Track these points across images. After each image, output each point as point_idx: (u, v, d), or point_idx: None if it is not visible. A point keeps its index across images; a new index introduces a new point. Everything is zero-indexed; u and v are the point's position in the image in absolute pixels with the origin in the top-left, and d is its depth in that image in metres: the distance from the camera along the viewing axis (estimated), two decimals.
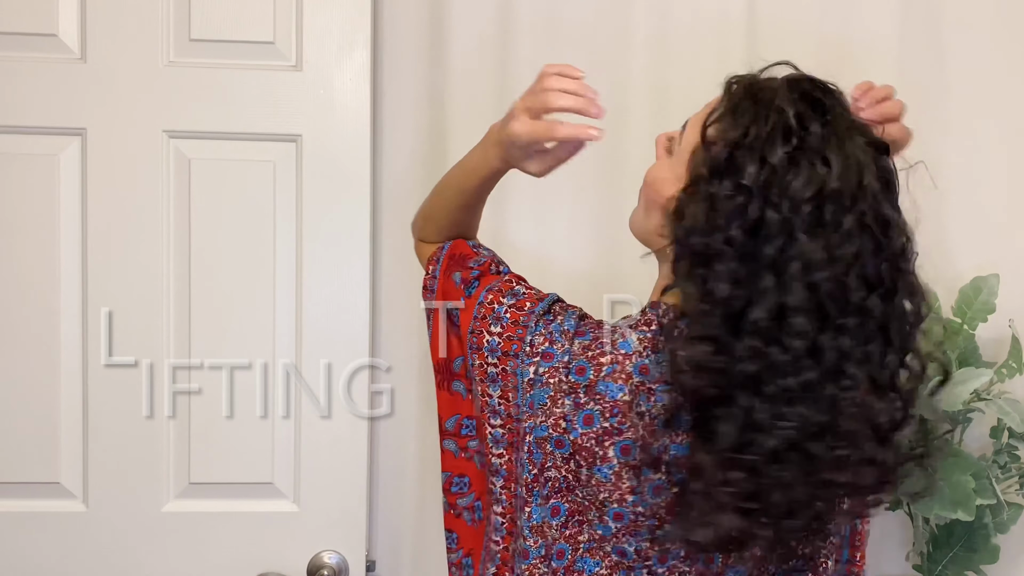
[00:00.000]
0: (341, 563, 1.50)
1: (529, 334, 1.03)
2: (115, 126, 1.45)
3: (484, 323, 1.06)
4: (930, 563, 1.49)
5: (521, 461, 1.01)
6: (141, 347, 1.46)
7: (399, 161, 1.59)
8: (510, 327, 1.04)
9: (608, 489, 0.98)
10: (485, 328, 1.05)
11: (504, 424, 1.03)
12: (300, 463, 1.50)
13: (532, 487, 1.01)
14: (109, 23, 1.45)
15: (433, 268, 1.17)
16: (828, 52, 1.58)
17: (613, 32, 1.59)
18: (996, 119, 1.62)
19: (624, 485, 0.98)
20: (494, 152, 1.08)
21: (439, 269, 1.16)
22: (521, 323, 1.04)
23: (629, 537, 0.99)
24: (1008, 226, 1.62)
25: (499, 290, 1.08)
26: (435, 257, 1.18)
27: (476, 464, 1.12)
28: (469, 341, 1.06)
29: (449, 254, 1.16)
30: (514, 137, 1.02)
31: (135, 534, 1.48)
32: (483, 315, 1.06)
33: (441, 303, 1.12)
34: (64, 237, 1.46)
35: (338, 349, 1.49)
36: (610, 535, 1.00)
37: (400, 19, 1.58)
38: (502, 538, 1.05)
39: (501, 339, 1.04)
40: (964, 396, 1.39)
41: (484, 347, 1.04)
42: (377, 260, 1.58)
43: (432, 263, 1.17)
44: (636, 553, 0.99)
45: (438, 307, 1.12)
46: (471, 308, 1.08)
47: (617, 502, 0.98)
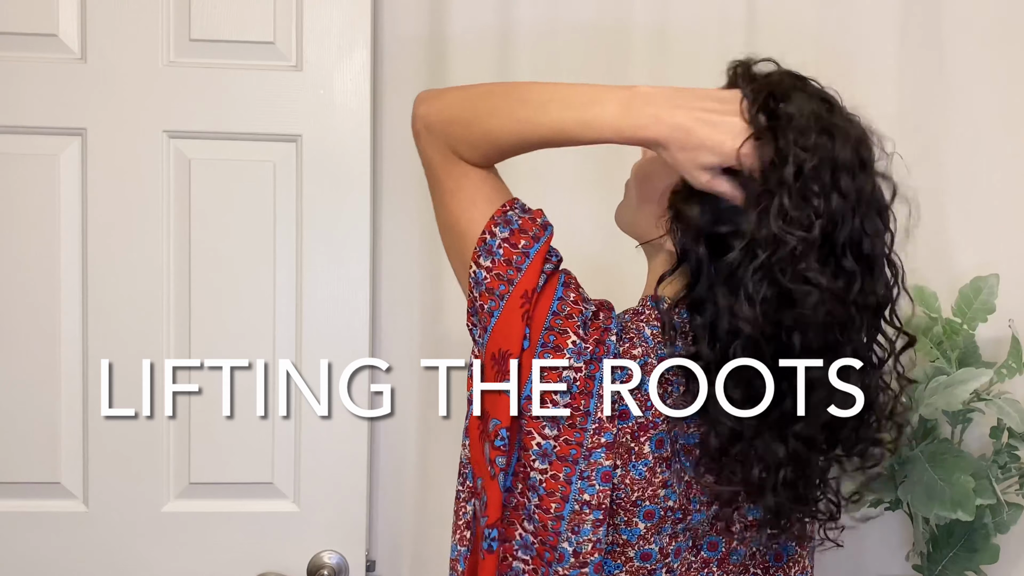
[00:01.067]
0: (341, 563, 1.50)
1: (609, 337, 0.97)
2: (115, 126, 1.45)
3: (570, 323, 0.97)
4: (930, 563, 1.50)
5: (585, 474, 0.96)
6: (141, 347, 1.46)
7: (399, 161, 1.59)
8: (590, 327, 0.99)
9: (641, 487, 0.97)
10: (571, 328, 0.96)
11: (559, 436, 0.96)
12: (300, 463, 1.50)
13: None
14: (109, 23, 1.45)
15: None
16: (828, 52, 1.58)
17: (613, 32, 1.59)
18: (996, 119, 1.62)
19: (657, 480, 0.97)
20: (647, 123, 0.92)
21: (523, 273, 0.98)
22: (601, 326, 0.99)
23: (655, 536, 0.99)
24: (1008, 226, 1.62)
25: (575, 286, 1.00)
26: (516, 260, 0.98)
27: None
28: (543, 339, 0.96)
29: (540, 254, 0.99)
30: (722, 154, 0.91)
31: (135, 534, 1.48)
32: (568, 312, 0.97)
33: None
34: (64, 237, 1.46)
35: (338, 349, 1.49)
36: (636, 539, 0.98)
37: (400, 19, 1.58)
38: (531, 558, 1.00)
39: (588, 343, 0.96)
40: (964, 396, 1.39)
41: (565, 348, 0.95)
42: (377, 260, 1.58)
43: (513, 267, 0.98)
44: (660, 552, 0.99)
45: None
46: (550, 298, 0.97)
47: (650, 499, 0.98)
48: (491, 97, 1.00)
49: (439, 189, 1.02)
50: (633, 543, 0.99)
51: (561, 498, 0.96)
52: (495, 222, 0.97)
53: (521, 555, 1.00)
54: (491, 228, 0.97)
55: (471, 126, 0.99)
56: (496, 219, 0.97)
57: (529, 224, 0.98)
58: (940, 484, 1.39)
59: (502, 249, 0.97)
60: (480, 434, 1.00)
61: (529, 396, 0.96)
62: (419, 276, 1.60)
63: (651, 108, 0.92)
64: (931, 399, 1.40)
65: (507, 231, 0.97)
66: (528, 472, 0.96)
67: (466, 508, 1.05)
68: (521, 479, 0.98)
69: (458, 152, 0.99)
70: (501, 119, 0.97)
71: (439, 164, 1.01)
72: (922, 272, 1.58)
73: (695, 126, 0.91)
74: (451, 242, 1.02)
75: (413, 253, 1.60)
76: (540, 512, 0.97)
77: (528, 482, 0.97)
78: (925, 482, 1.41)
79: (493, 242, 0.97)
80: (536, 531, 0.98)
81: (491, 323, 0.97)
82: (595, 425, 0.96)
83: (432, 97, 1.03)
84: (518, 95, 0.99)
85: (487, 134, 0.98)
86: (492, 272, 0.96)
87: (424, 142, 1.03)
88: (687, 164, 0.92)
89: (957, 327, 1.49)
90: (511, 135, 0.97)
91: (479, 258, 0.97)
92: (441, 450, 1.60)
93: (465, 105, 1.00)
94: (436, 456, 1.61)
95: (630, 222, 1.09)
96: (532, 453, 0.96)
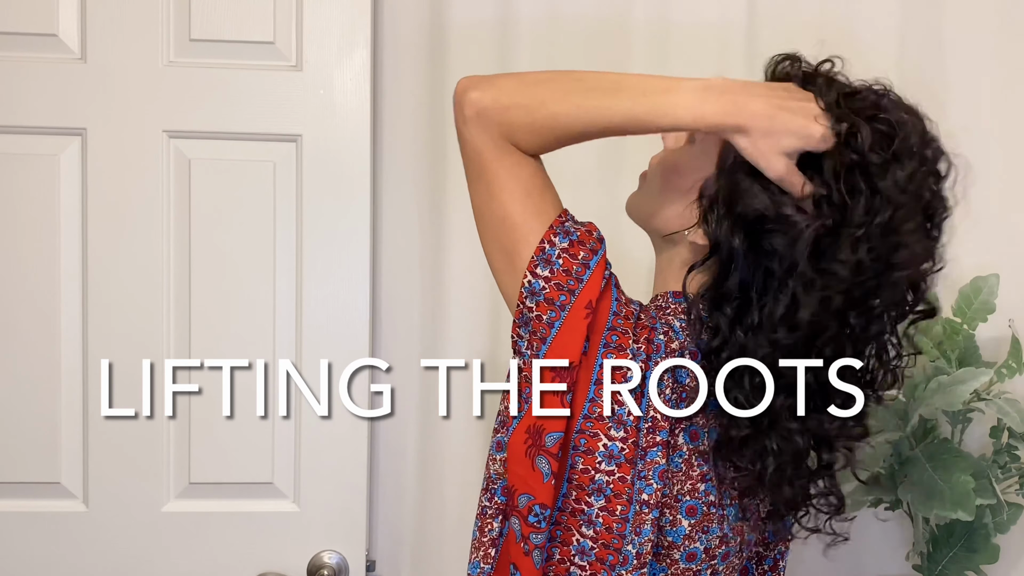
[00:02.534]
0: (341, 563, 1.50)
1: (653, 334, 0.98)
2: (115, 126, 1.45)
3: (629, 323, 0.97)
4: (930, 563, 1.49)
5: (642, 474, 0.96)
6: (141, 347, 1.47)
7: (399, 161, 1.59)
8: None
9: (680, 480, 0.98)
10: (630, 329, 0.96)
11: (627, 437, 0.95)
12: (300, 463, 1.50)
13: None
14: (109, 23, 1.45)
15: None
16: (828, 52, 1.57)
17: (613, 32, 1.59)
18: (996, 119, 1.62)
19: (695, 473, 0.98)
20: (729, 109, 0.91)
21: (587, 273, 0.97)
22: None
23: (701, 535, 0.99)
24: (1008, 226, 1.62)
25: (619, 288, 1.00)
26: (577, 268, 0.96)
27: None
28: (605, 340, 0.95)
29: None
30: (806, 137, 0.91)
31: (135, 534, 1.48)
32: (625, 315, 0.97)
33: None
34: (64, 237, 1.46)
35: (338, 349, 1.49)
36: (681, 539, 0.98)
37: (400, 19, 1.58)
38: (589, 563, 0.98)
39: (640, 343, 0.96)
40: (964, 396, 1.39)
41: (628, 348, 0.96)
42: (377, 260, 1.58)
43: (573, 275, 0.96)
44: (705, 552, 0.99)
45: None
46: (608, 305, 0.97)
47: (689, 493, 0.98)
48: (555, 82, 0.97)
49: (487, 179, 0.97)
50: (679, 544, 0.99)
51: (627, 500, 0.95)
52: (554, 231, 0.95)
53: (578, 561, 0.98)
54: (550, 238, 0.94)
55: (535, 112, 0.95)
56: (555, 228, 0.95)
57: (586, 236, 0.96)
58: (940, 484, 1.39)
59: (561, 259, 0.94)
60: (528, 449, 0.96)
61: (592, 398, 0.95)
62: (419, 276, 1.60)
63: (729, 95, 0.91)
64: (931, 399, 1.40)
65: (566, 241, 0.95)
66: (593, 475, 0.95)
67: (492, 525, 1.02)
68: (577, 485, 0.96)
69: (515, 139, 0.95)
70: (568, 105, 0.94)
71: (490, 152, 0.96)
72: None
73: (777, 112, 0.91)
74: (499, 234, 0.97)
75: (413, 253, 1.60)
76: (606, 515, 0.96)
77: (591, 485, 0.95)
78: (925, 482, 1.41)
79: (552, 251, 0.94)
80: (598, 535, 0.97)
81: (551, 334, 0.94)
82: (648, 424, 0.95)
83: (485, 82, 0.98)
84: (586, 82, 0.96)
85: (552, 119, 0.94)
86: (551, 282, 0.94)
87: (475, 129, 0.96)
88: (768, 150, 0.91)
89: (957, 327, 1.49)
90: (578, 121, 0.94)
91: (536, 267, 0.94)
92: (441, 450, 1.60)
93: (526, 91, 0.96)
94: (436, 456, 1.61)
95: (650, 213, 1.07)
96: (598, 456, 0.95)
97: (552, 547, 0.99)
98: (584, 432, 0.95)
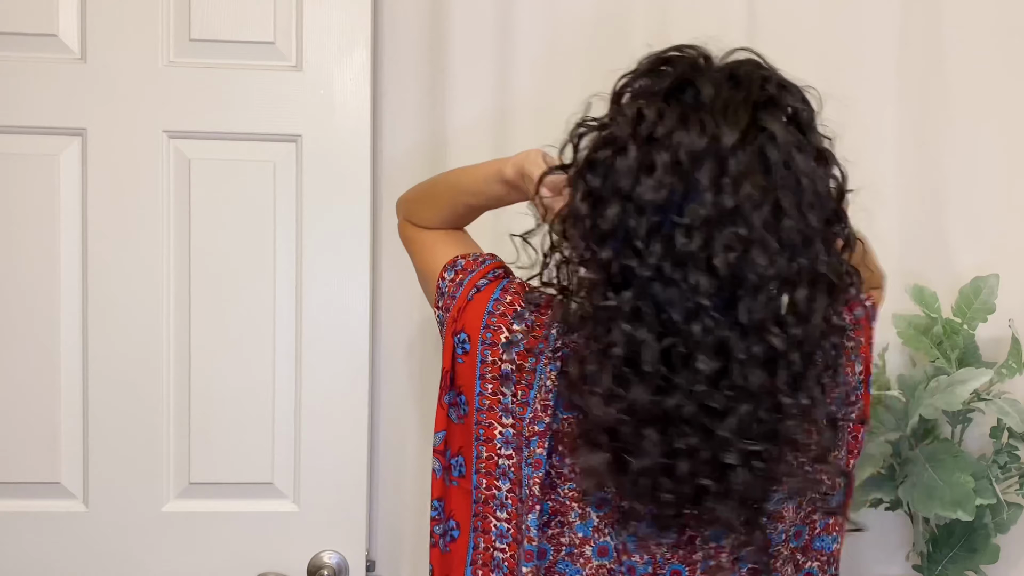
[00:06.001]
0: (341, 563, 1.50)
1: (547, 330, 1.03)
2: (115, 126, 1.45)
3: (504, 319, 1.05)
4: (930, 563, 1.50)
5: (528, 461, 1.01)
6: (141, 347, 1.47)
7: (399, 161, 1.59)
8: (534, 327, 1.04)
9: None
10: (505, 324, 1.05)
11: (515, 424, 1.02)
12: (300, 463, 1.50)
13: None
14: (109, 23, 1.45)
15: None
16: (828, 53, 1.58)
17: (613, 32, 1.59)
18: (996, 119, 1.62)
19: None
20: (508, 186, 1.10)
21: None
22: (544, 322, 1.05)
23: (610, 529, 1.00)
24: (1008, 226, 1.62)
25: (516, 291, 1.08)
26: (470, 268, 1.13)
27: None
28: (482, 337, 1.05)
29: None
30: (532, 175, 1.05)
31: (135, 534, 1.48)
32: (502, 312, 1.06)
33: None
34: (64, 237, 1.46)
35: (338, 349, 1.49)
36: (591, 533, 1.00)
37: (400, 19, 1.59)
38: (507, 545, 1.04)
39: (527, 336, 1.03)
40: (964, 396, 1.39)
41: (500, 343, 1.04)
42: (377, 260, 1.59)
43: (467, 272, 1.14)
44: (615, 550, 1.00)
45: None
46: (484, 302, 1.07)
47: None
48: (430, 187, 1.24)
49: (411, 251, 1.24)
50: (588, 538, 1.00)
51: (519, 482, 1.02)
52: (445, 268, 1.13)
53: (498, 544, 1.05)
54: (442, 275, 1.13)
55: (419, 207, 1.23)
56: (446, 266, 1.14)
57: (470, 264, 1.12)
58: (940, 484, 1.39)
59: (448, 287, 1.12)
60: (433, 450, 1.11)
61: (480, 392, 1.05)
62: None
63: (503, 171, 1.10)
64: (931, 399, 1.40)
65: (452, 273, 1.13)
66: (496, 461, 1.04)
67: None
68: (486, 472, 1.04)
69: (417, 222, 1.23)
70: (439, 201, 1.20)
71: (407, 232, 1.24)
72: (922, 272, 1.58)
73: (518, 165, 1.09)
74: (424, 287, 1.20)
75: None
76: (513, 496, 1.03)
77: (497, 471, 1.04)
78: (925, 482, 1.41)
79: (443, 284, 1.13)
80: (511, 516, 1.03)
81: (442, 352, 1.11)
82: (531, 415, 1.00)
83: (400, 200, 1.28)
84: (442, 184, 1.23)
85: (429, 211, 1.22)
86: (443, 308, 1.11)
87: (399, 224, 1.27)
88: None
89: (957, 327, 1.49)
90: (445, 205, 1.19)
91: (437, 301, 1.13)
92: None
93: (413, 200, 1.25)
94: None
95: None
96: (496, 442, 1.03)
97: (477, 536, 1.06)
98: (481, 423, 1.04)
